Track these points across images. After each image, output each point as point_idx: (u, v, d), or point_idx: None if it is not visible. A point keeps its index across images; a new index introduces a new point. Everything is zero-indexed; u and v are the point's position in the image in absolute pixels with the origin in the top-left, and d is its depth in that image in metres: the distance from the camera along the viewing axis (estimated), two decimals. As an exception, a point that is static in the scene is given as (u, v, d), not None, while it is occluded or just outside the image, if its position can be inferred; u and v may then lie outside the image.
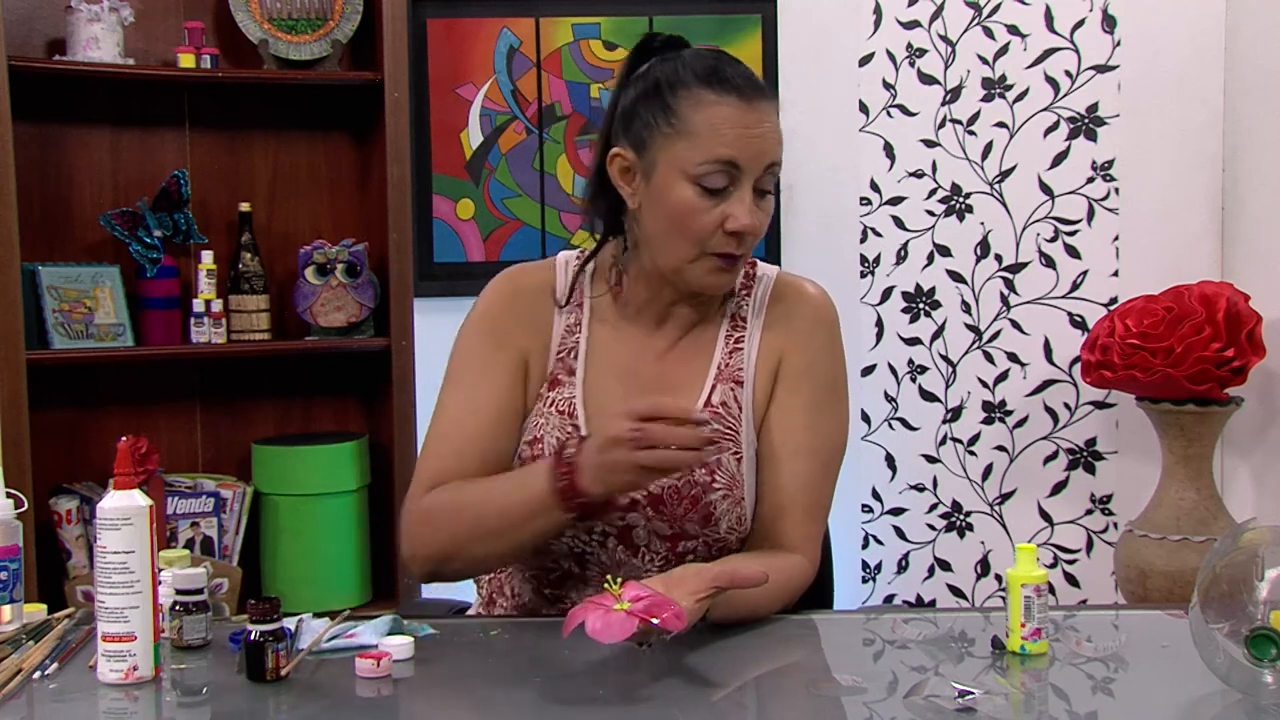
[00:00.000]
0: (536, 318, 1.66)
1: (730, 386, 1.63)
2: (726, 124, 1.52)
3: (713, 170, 1.51)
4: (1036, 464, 3.14)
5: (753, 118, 1.53)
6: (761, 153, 1.53)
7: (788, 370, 1.64)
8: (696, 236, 1.53)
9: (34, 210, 2.76)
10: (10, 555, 1.54)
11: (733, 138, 1.51)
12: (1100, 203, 3.08)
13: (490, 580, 1.71)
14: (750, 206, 1.52)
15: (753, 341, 1.65)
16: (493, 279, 1.70)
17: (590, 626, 1.28)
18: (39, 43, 2.81)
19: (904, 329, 3.15)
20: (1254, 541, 1.28)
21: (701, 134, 1.52)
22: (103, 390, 2.90)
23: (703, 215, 1.52)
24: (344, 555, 2.89)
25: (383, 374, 2.91)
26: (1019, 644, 1.38)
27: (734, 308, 1.67)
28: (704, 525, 1.58)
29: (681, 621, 1.29)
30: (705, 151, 1.51)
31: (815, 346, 1.65)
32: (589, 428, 1.59)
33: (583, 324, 1.65)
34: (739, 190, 1.52)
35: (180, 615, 1.41)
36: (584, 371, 1.63)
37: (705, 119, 1.52)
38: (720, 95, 1.53)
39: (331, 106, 3.01)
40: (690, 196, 1.52)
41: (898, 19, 3.11)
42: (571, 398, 1.61)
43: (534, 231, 3.16)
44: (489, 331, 1.65)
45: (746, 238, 1.54)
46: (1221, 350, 2.67)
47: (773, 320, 1.66)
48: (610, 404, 1.60)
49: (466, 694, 1.34)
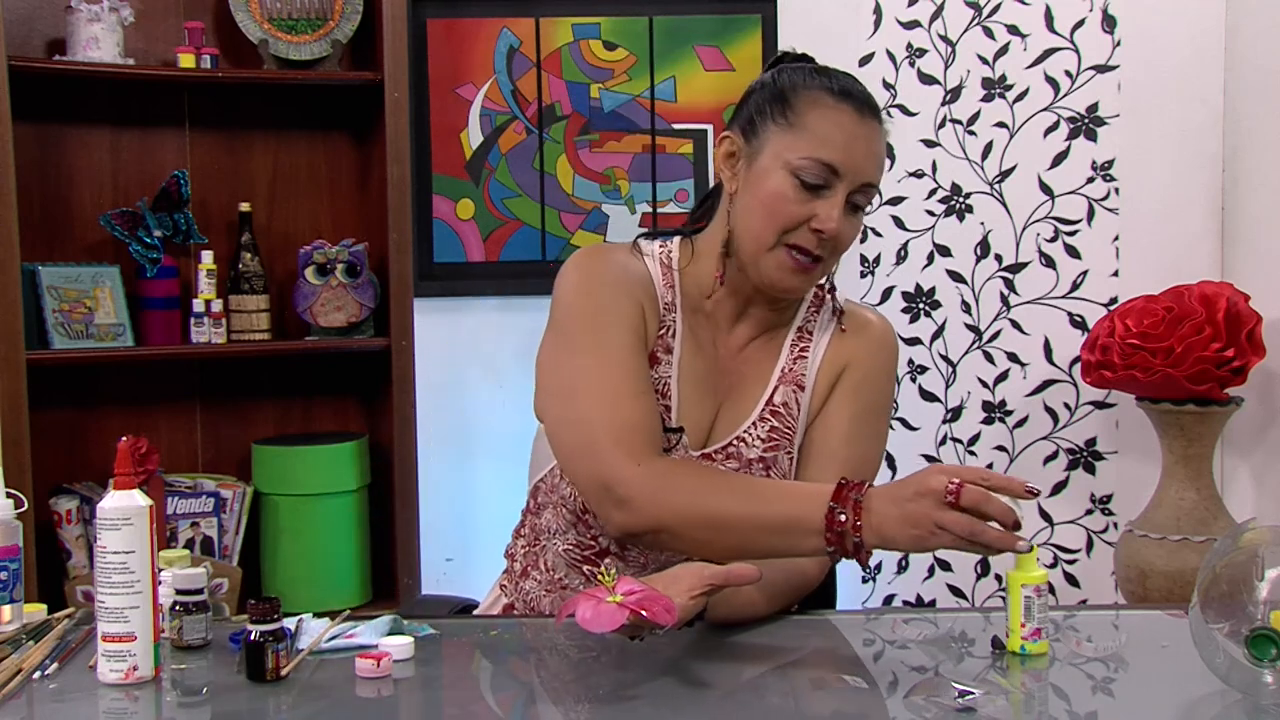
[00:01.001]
0: (643, 288, 1.63)
1: (792, 389, 1.66)
2: (837, 129, 1.55)
3: (813, 167, 1.54)
4: (1036, 464, 3.14)
5: (863, 132, 1.56)
6: (862, 167, 1.56)
7: (844, 382, 1.68)
8: (782, 224, 1.56)
9: (34, 210, 2.76)
10: (10, 555, 1.54)
11: (840, 143, 1.55)
12: (1100, 203, 3.08)
13: (526, 553, 1.71)
14: (840, 211, 1.55)
15: (818, 351, 1.69)
16: (579, 255, 1.64)
17: (580, 615, 1.28)
18: (39, 43, 2.82)
19: (904, 329, 3.15)
20: (1254, 541, 1.28)
21: (812, 130, 1.56)
22: (103, 390, 2.90)
23: (793, 206, 1.55)
24: (344, 555, 2.89)
25: (383, 374, 2.91)
26: (1019, 644, 1.38)
27: (803, 321, 1.71)
28: None
29: (672, 616, 1.29)
30: (811, 148, 1.55)
31: (874, 366, 1.70)
32: (679, 413, 1.60)
33: (676, 307, 1.66)
34: (833, 194, 1.55)
35: (180, 615, 1.41)
36: (680, 353, 1.64)
37: (819, 118, 1.56)
38: (838, 102, 1.57)
39: (331, 106, 3.01)
40: (786, 186, 1.55)
41: (898, 19, 3.11)
42: (668, 378, 1.63)
43: (534, 231, 3.16)
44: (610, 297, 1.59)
45: (828, 242, 1.56)
46: (1221, 350, 2.67)
47: (839, 338, 1.70)
48: (699, 392, 1.62)
49: (466, 694, 1.34)
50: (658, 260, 1.68)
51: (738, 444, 1.63)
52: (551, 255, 3.15)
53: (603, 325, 1.57)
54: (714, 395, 1.65)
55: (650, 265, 1.67)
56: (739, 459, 1.62)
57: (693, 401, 1.63)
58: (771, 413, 1.65)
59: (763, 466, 1.62)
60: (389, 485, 2.91)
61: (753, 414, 1.64)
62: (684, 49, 3.15)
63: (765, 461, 1.62)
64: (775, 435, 1.64)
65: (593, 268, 1.63)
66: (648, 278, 1.65)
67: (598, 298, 1.60)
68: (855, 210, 1.59)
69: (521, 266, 3.17)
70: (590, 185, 3.17)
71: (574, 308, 1.60)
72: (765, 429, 1.64)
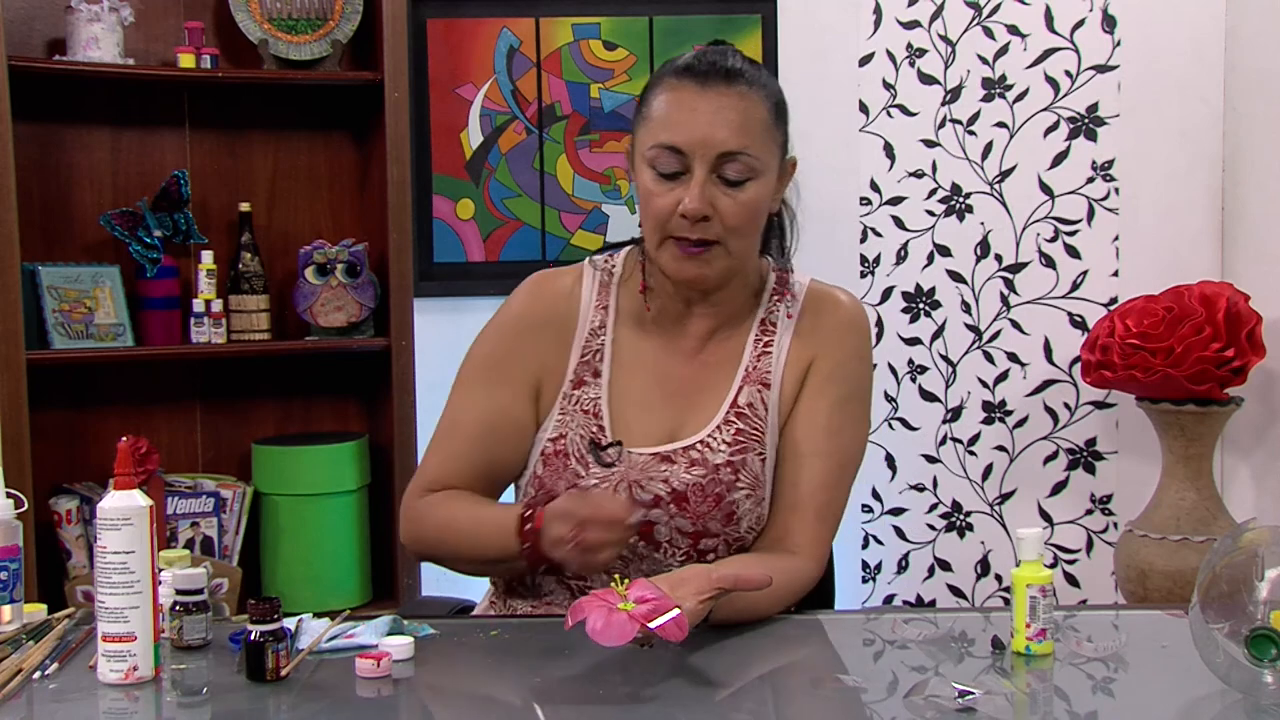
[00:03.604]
0: (559, 324, 1.67)
1: (757, 388, 1.64)
2: (677, 108, 1.53)
3: (661, 153, 1.53)
4: (1036, 464, 3.14)
5: (706, 103, 1.53)
6: (710, 138, 1.52)
7: (816, 373, 1.65)
8: (655, 219, 1.55)
9: (34, 210, 2.76)
10: (10, 555, 1.54)
11: (679, 121, 1.53)
12: (1100, 203, 3.08)
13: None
14: (698, 191, 1.52)
15: (782, 346, 1.66)
16: (523, 283, 1.73)
17: (591, 625, 1.28)
18: (39, 43, 2.82)
19: (904, 329, 3.15)
20: (1254, 541, 1.28)
21: (655, 118, 1.55)
22: (102, 390, 2.90)
23: (658, 199, 1.54)
24: (344, 555, 2.89)
25: (383, 374, 2.91)
26: (1024, 644, 1.38)
27: (765, 313, 1.68)
28: (726, 524, 1.60)
29: (683, 632, 1.30)
30: (655, 135, 1.54)
31: (845, 352, 1.67)
32: (613, 429, 1.61)
33: (608, 326, 1.67)
34: (690, 175, 1.53)
35: (180, 615, 1.41)
36: (610, 373, 1.65)
37: (661, 104, 1.55)
38: (679, 81, 1.55)
39: (331, 106, 3.01)
40: (648, 181, 1.55)
41: (898, 19, 3.11)
42: (597, 398, 1.63)
43: (534, 231, 3.16)
44: (506, 343, 1.68)
45: (710, 224, 1.53)
46: (1221, 350, 2.67)
47: (804, 327, 1.67)
48: (642, 404, 1.63)
49: (466, 694, 1.34)
50: (597, 281, 1.69)
51: (702, 449, 1.61)
52: (552, 255, 3.15)
53: (489, 370, 1.67)
54: (671, 399, 1.64)
55: (587, 290, 1.68)
56: (704, 464, 1.60)
57: (638, 412, 1.63)
58: (737, 414, 1.62)
59: (730, 470, 1.60)
60: (389, 485, 2.90)
61: (717, 417, 1.63)
62: (684, 49, 3.13)
63: (733, 465, 1.60)
64: (742, 437, 1.62)
65: (502, 315, 1.70)
66: (571, 312, 1.67)
67: (493, 345, 1.68)
68: (736, 184, 1.53)
69: (521, 266, 3.15)
70: (590, 185, 3.17)
71: (475, 347, 1.70)
72: (730, 432, 1.62)
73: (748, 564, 1.54)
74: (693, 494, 1.59)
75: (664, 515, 1.59)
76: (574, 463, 1.61)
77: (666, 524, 1.59)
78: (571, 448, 1.61)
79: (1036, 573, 1.39)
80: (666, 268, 1.59)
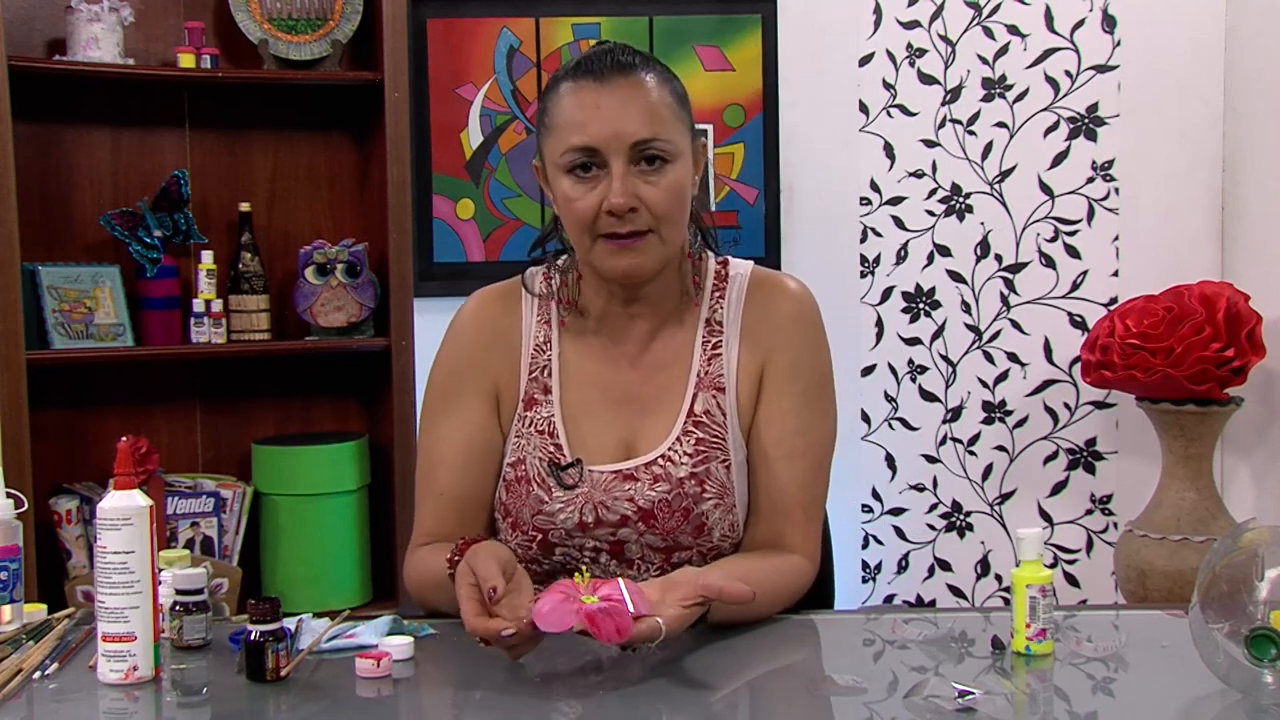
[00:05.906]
0: (503, 342, 1.66)
1: (712, 394, 1.61)
2: (578, 109, 1.52)
3: (573, 156, 1.52)
4: (1036, 464, 3.14)
5: (606, 97, 1.52)
6: (618, 130, 1.51)
7: (773, 373, 1.62)
8: (581, 223, 1.54)
9: (34, 210, 2.76)
10: (10, 555, 1.54)
11: (583, 120, 1.51)
12: (1100, 203, 3.08)
13: None
14: (621, 183, 1.50)
15: (731, 347, 1.63)
16: (463, 304, 1.71)
17: (537, 608, 1.29)
18: (39, 43, 2.81)
19: (904, 329, 3.15)
20: (1254, 541, 1.28)
21: (559, 124, 1.54)
22: (102, 390, 2.90)
23: (579, 202, 1.53)
24: (344, 555, 2.89)
25: (383, 374, 2.91)
26: (1024, 644, 1.38)
27: (708, 311, 1.65)
28: (697, 536, 1.58)
29: (621, 637, 1.28)
30: (563, 142, 1.53)
31: (798, 345, 1.63)
32: (570, 446, 1.60)
33: (552, 340, 1.65)
34: (607, 171, 1.51)
35: (180, 615, 1.41)
36: (560, 390, 1.63)
37: (561, 108, 1.54)
38: (576, 81, 1.54)
39: (331, 106, 3.01)
40: (566, 186, 1.54)
41: (898, 19, 3.11)
42: (550, 417, 1.61)
43: (534, 232, 3.16)
44: (460, 366, 1.66)
45: (638, 215, 1.52)
46: (1221, 350, 2.67)
47: (751, 323, 1.64)
48: (594, 416, 1.61)
49: (466, 694, 1.34)
50: (535, 296, 1.67)
51: (664, 463, 1.58)
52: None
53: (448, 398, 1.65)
54: (621, 407, 1.62)
55: (526, 306, 1.67)
56: (668, 479, 1.57)
57: (596, 426, 1.60)
58: (695, 424, 1.59)
59: (695, 482, 1.57)
60: (389, 485, 2.90)
61: (675, 428, 1.59)
62: (684, 49, 3.15)
63: (696, 476, 1.57)
64: (703, 446, 1.59)
65: (445, 344, 1.69)
66: (514, 329, 1.66)
67: (448, 370, 1.67)
68: (656, 168, 1.52)
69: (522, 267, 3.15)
70: (590, 185, 3.17)
71: (432, 377, 1.69)
72: (691, 442, 1.59)
73: (746, 563, 1.55)
74: (660, 510, 1.56)
75: (633, 534, 1.57)
76: (536, 488, 1.59)
77: (637, 541, 1.58)
78: (532, 471, 1.59)
79: (1036, 573, 1.39)
80: (601, 267, 1.56)
